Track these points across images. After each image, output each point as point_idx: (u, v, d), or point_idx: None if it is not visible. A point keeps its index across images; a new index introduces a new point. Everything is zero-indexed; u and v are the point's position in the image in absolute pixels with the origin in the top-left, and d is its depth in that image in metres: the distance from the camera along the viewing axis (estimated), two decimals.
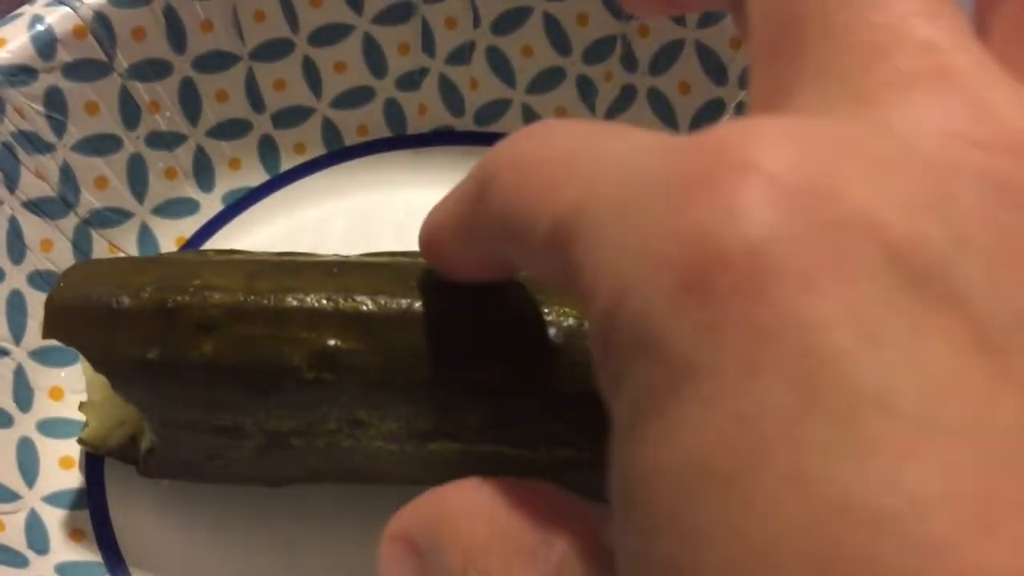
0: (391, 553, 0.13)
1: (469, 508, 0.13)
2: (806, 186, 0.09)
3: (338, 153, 0.28)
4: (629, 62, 0.26)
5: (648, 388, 0.09)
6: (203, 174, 0.27)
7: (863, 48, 0.11)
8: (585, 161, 0.11)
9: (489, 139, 0.28)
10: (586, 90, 0.27)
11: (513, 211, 0.12)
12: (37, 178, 0.24)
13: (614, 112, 0.27)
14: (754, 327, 0.09)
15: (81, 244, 0.25)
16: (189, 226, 0.27)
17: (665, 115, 0.26)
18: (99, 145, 0.25)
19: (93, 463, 0.23)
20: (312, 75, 0.27)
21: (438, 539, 0.13)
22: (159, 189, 0.26)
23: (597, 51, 0.26)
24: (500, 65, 0.27)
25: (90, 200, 0.25)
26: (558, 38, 0.26)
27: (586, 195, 0.11)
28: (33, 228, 0.24)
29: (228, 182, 0.27)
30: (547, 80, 0.27)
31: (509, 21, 0.27)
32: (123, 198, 0.26)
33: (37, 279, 0.24)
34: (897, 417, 0.08)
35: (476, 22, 0.27)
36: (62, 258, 0.24)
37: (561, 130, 0.12)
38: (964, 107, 0.10)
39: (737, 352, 0.09)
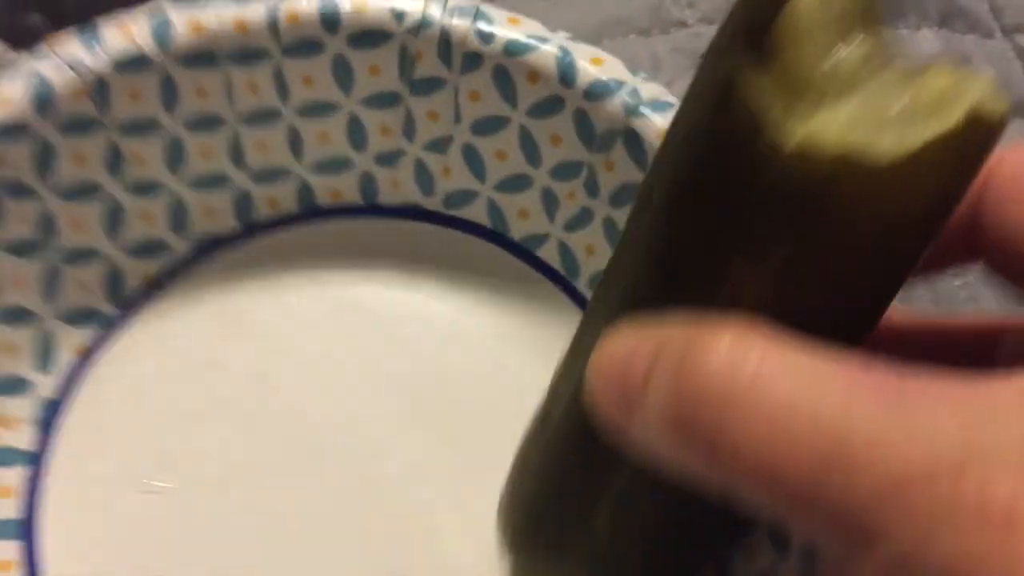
0: None
1: None
2: None
3: (311, 212, 0.30)
4: (592, 188, 0.29)
5: None
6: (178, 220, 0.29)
7: None
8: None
9: (454, 222, 0.31)
10: (549, 201, 0.29)
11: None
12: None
13: (572, 227, 0.29)
14: None
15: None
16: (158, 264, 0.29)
17: (614, 241, 0.29)
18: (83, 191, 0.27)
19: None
20: (296, 142, 0.29)
21: None
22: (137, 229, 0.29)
23: (564, 171, 0.29)
24: (474, 161, 0.30)
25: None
26: (531, 151, 0.29)
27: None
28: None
29: (202, 228, 0.29)
30: (515, 183, 0.30)
31: (488, 125, 0.29)
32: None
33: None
34: None
35: (457, 119, 0.29)
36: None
37: None
38: None
39: None
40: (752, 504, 0.15)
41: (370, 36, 0.28)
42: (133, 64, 0.27)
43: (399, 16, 0.27)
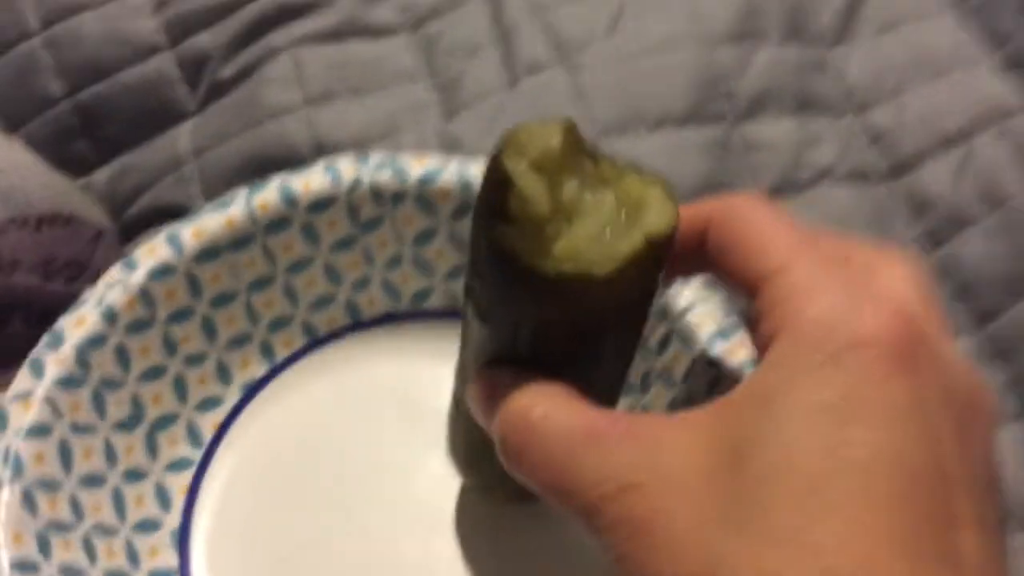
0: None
1: None
2: None
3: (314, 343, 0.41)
4: None
5: None
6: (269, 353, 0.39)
7: None
8: None
9: (422, 315, 0.41)
10: None
11: None
12: None
13: None
14: None
15: None
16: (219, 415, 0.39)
17: None
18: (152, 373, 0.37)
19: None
20: (291, 293, 0.40)
21: None
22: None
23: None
24: (423, 266, 0.40)
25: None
26: (462, 247, 0.40)
27: None
28: None
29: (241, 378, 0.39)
30: (457, 273, 0.40)
31: (423, 237, 0.40)
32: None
33: None
34: None
35: (400, 240, 0.40)
36: None
37: None
38: None
39: None
40: (544, 495, 0.23)
41: (322, 203, 0.39)
42: (162, 272, 0.37)
43: (336, 183, 0.38)
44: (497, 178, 0.22)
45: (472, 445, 0.30)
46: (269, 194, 0.38)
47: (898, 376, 0.19)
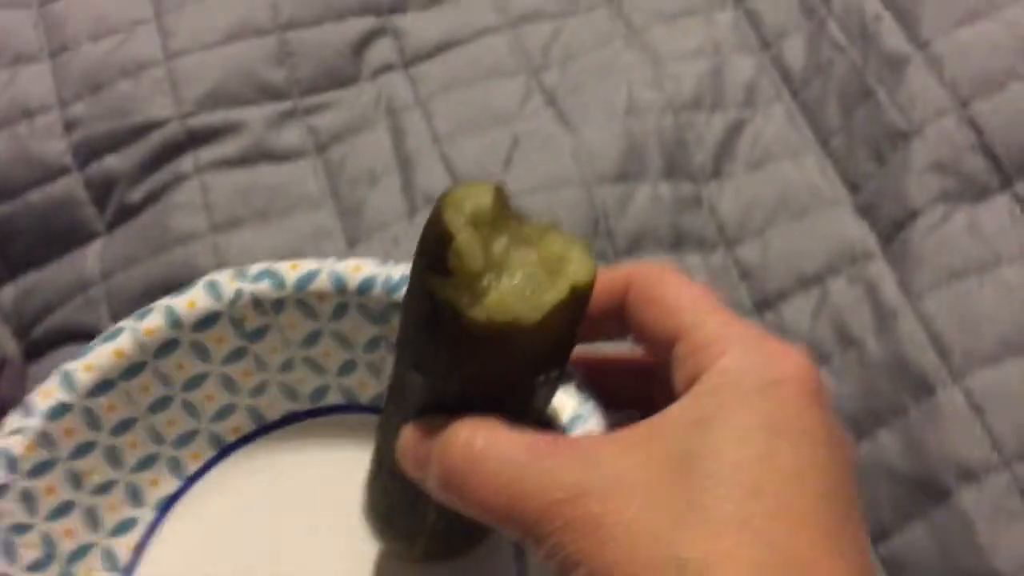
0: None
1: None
2: None
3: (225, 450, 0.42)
4: (389, 346, 0.40)
5: None
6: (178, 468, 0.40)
7: None
8: None
9: (322, 411, 0.42)
10: (376, 369, 0.41)
11: None
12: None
13: None
14: None
15: None
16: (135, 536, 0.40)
17: None
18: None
19: None
20: (191, 410, 0.41)
21: None
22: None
23: (373, 345, 0.40)
24: (315, 366, 0.41)
25: None
26: (345, 343, 0.41)
27: None
28: None
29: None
30: (349, 369, 0.41)
31: (309, 339, 0.40)
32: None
33: None
34: None
35: (287, 345, 0.40)
36: None
37: None
38: None
39: None
40: (493, 520, 0.26)
41: (205, 321, 0.39)
42: (59, 411, 0.38)
43: (218, 299, 0.39)
44: (437, 232, 0.25)
45: (391, 501, 0.32)
46: (154, 319, 0.38)
47: (812, 408, 0.23)
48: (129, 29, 0.50)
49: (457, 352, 0.26)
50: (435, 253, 0.25)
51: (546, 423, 0.29)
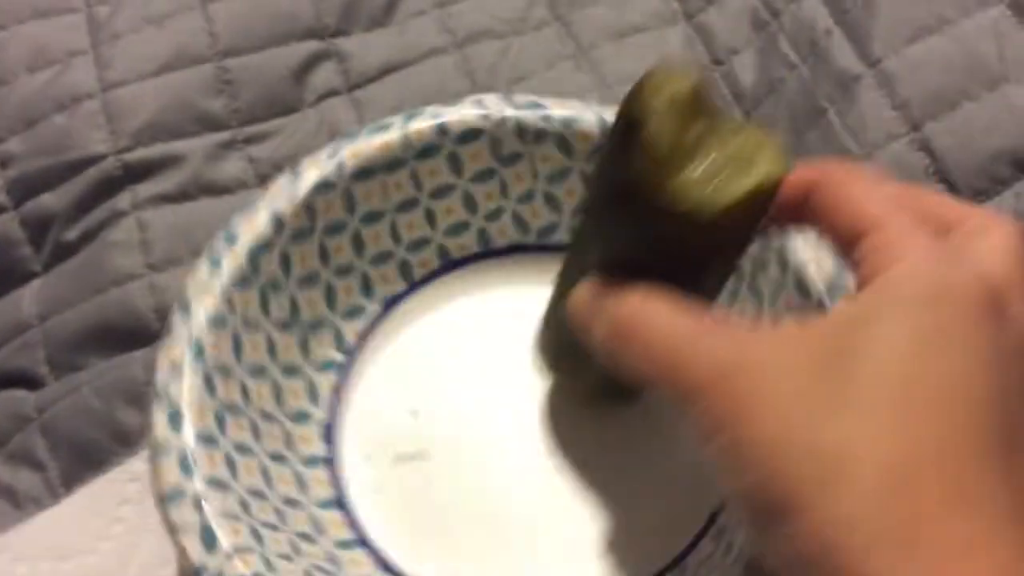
0: None
1: None
2: None
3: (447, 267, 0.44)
4: None
5: None
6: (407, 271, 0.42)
7: None
8: None
9: (548, 248, 0.45)
10: None
11: None
12: None
13: None
14: None
15: None
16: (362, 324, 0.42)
17: None
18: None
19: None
20: (431, 217, 0.43)
21: None
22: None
23: None
24: (553, 202, 0.45)
25: None
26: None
27: None
28: None
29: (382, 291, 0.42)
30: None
31: (557, 175, 0.44)
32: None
33: None
34: None
35: (535, 176, 0.44)
36: None
37: None
38: None
39: None
40: (649, 381, 0.26)
41: (469, 134, 0.43)
42: (324, 187, 0.41)
43: (485, 117, 0.43)
44: (634, 111, 0.25)
45: (560, 344, 0.34)
46: (424, 122, 0.41)
47: (981, 324, 0.22)
48: (66, 60, 0.48)
49: (638, 229, 0.27)
50: (628, 131, 0.25)
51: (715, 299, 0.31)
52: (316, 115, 0.49)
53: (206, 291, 0.37)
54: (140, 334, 0.40)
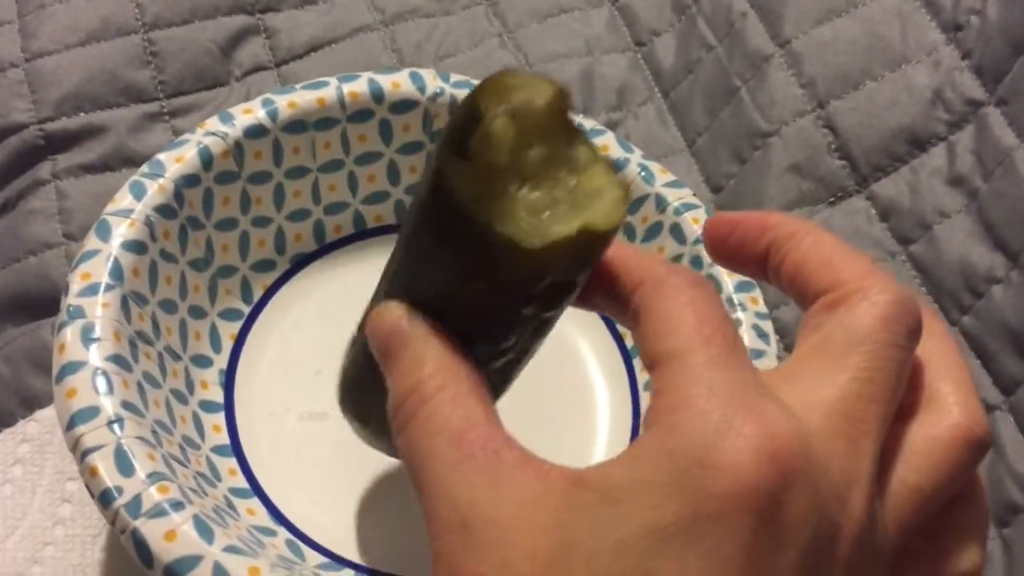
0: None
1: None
2: None
3: (361, 234, 0.45)
4: None
5: None
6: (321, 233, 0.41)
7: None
8: None
9: None
10: None
11: None
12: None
13: None
14: None
15: None
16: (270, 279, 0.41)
17: None
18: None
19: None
20: (353, 182, 0.43)
21: None
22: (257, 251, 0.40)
23: None
24: None
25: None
26: None
27: None
28: None
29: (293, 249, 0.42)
30: None
31: None
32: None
33: None
34: None
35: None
36: None
37: None
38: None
39: None
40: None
41: (403, 104, 0.44)
42: (256, 132, 0.40)
43: (421, 89, 0.44)
44: (468, 110, 0.21)
45: (357, 374, 0.29)
46: (359, 85, 0.41)
47: (737, 517, 0.17)
48: None
49: (453, 252, 0.22)
50: (460, 133, 0.21)
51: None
52: (243, 89, 0.48)
53: (127, 216, 0.35)
54: (55, 303, 0.37)
